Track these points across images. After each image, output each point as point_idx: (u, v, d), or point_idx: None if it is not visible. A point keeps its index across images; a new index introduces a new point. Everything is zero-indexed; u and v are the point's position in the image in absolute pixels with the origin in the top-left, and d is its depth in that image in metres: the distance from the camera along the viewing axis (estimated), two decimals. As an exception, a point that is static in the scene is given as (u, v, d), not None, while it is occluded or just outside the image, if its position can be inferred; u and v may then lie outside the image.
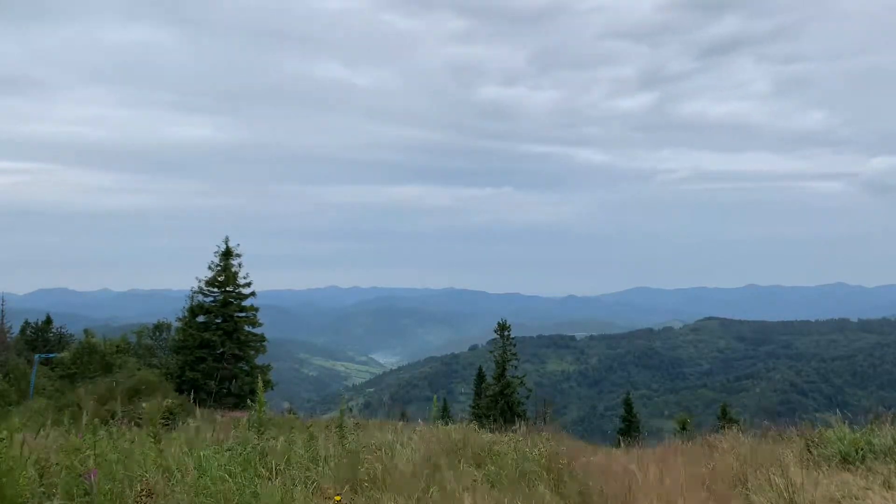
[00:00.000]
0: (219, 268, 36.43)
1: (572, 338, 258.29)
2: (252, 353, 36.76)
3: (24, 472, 5.42)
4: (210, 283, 36.38)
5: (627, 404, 49.23)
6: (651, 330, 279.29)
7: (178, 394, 25.16)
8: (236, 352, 35.62)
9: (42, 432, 8.22)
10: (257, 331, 37.28)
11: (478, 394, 48.64)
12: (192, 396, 12.37)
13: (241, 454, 6.75)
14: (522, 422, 13.97)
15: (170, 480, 6.14)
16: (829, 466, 8.59)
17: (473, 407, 46.36)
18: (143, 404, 8.71)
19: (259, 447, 7.39)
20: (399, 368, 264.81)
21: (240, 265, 36.84)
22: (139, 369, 29.00)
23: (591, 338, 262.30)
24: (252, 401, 9.69)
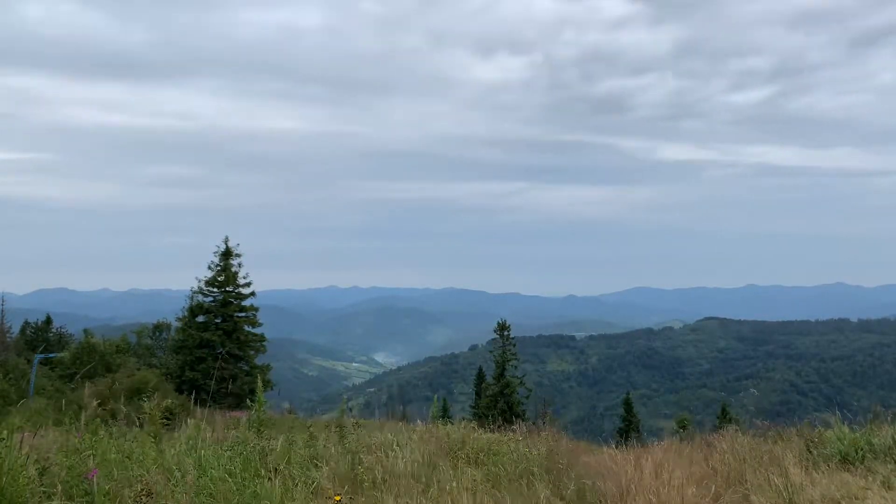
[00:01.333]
0: (218, 268, 36.44)
1: (572, 338, 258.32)
2: (252, 352, 36.78)
3: (24, 472, 5.43)
4: (210, 283, 36.39)
5: (627, 404, 49.25)
6: (651, 330, 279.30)
7: (177, 394, 25.21)
8: (236, 352, 35.62)
9: (42, 432, 8.22)
10: (257, 331, 37.30)
11: (478, 394, 48.67)
12: (191, 396, 12.37)
13: (241, 454, 6.75)
14: (522, 422, 13.97)
15: (170, 480, 6.14)
16: (828, 466, 8.59)
17: (473, 407, 46.40)
18: (143, 404, 8.71)
19: (259, 447, 7.39)
20: (399, 368, 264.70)
21: (239, 265, 36.91)
22: (139, 369, 29.02)
23: (591, 338, 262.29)
24: (252, 401, 9.70)
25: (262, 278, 39.92)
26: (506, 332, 41.11)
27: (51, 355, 34.49)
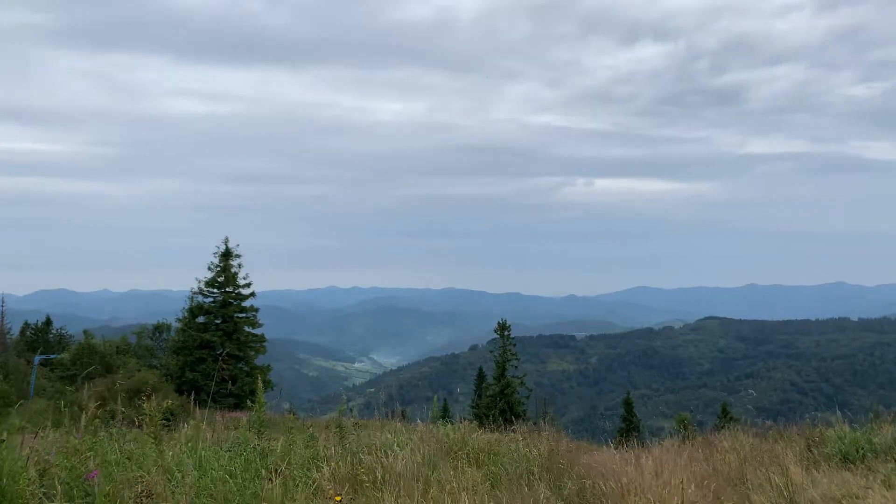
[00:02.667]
0: (218, 268, 36.44)
1: (572, 338, 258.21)
2: (252, 353, 36.77)
3: (25, 473, 5.42)
4: (210, 283, 36.39)
5: (627, 404, 49.16)
6: (651, 330, 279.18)
7: (177, 394, 25.20)
8: (236, 352, 35.62)
9: (42, 433, 8.22)
10: (257, 331, 37.29)
11: (478, 394, 48.62)
12: (192, 397, 12.36)
13: (241, 455, 6.75)
14: (522, 422, 13.96)
15: (170, 481, 6.14)
16: (829, 465, 8.59)
17: (473, 407, 46.36)
18: (144, 405, 8.70)
19: (259, 448, 7.39)
20: (399, 368, 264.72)
21: (239, 266, 36.91)
22: (139, 370, 29.01)
23: (592, 338, 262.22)
24: (252, 401, 9.69)
25: (262, 279, 39.99)
26: (506, 332, 41.09)
27: (51, 356, 34.49)
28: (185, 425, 9.57)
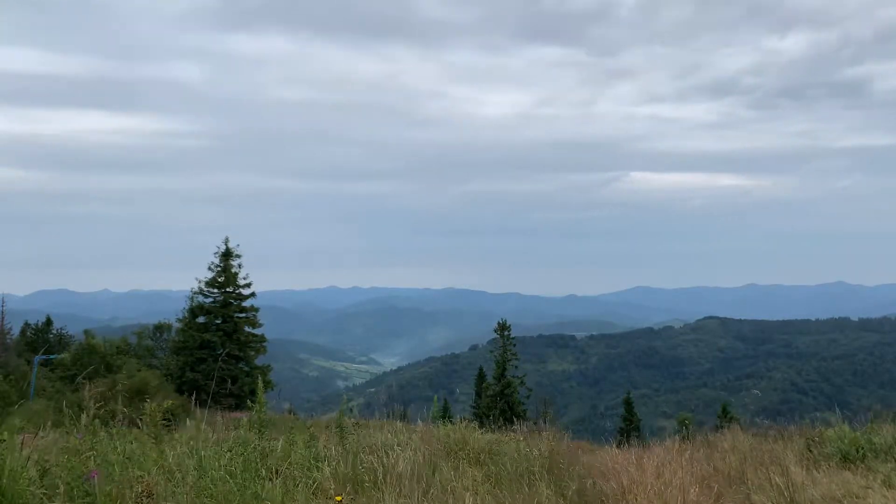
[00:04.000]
0: (219, 269, 36.46)
1: (572, 337, 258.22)
2: (252, 353, 36.78)
3: (25, 473, 5.42)
4: (210, 283, 36.41)
5: (628, 404, 49.21)
6: (651, 329, 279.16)
7: (178, 395, 25.21)
8: (236, 352, 35.63)
9: (42, 433, 8.22)
10: (257, 331, 37.31)
11: (478, 394, 48.65)
12: (192, 397, 12.37)
13: (241, 455, 6.75)
14: (523, 422, 13.97)
15: (170, 481, 6.14)
16: (829, 465, 8.60)
17: (474, 407, 46.38)
18: (144, 405, 8.70)
19: (260, 448, 7.39)
20: (399, 368, 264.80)
21: (240, 266, 36.93)
22: (139, 370, 28.99)
23: (592, 337, 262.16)
24: (252, 401, 9.69)
25: (262, 279, 39.99)
26: (506, 332, 41.13)
27: (51, 357, 34.48)
28: (186, 425, 9.57)
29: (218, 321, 36.01)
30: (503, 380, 40.41)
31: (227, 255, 36.72)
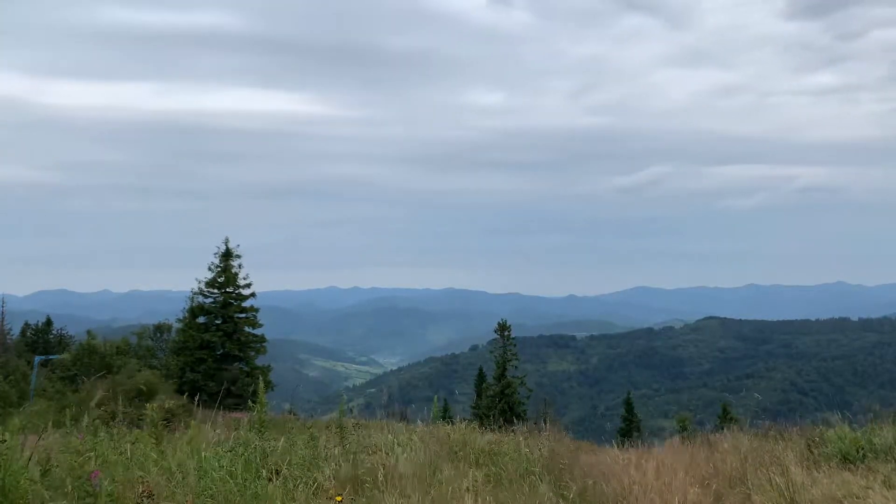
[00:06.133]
0: (219, 269, 36.46)
1: (573, 338, 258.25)
2: (252, 353, 36.79)
3: (26, 474, 5.43)
4: (210, 284, 36.41)
5: (628, 404, 49.22)
6: (651, 330, 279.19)
7: (178, 395, 25.20)
8: (236, 353, 35.64)
9: (43, 434, 8.23)
10: (257, 332, 37.31)
11: (478, 394, 48.64)
12: (192, 398, 12.37)
13: (242, 455, 6.76)
14: (523, 422, 13.97)
15: (171, 482, 6.15)
16: (829, 466, 8.60)
17: (474, 407, 46.38)
18: (145, 406, 8.72)
19: (260, 448, 7.40)
20: (399, 369, 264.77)
21: (240, 266, 36.93)
22: (140, 371, 29.01)
23: (592, 338, 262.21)
24: (253, 402, 9.70)
25: (262, 279, 39.99)
26: (506, 333, 41.12)
27: (51, 357, 34.51)
28: (186, 426, 9.58)
29: (218, 321, 36.02)
30: (503, 380, 40.41)
31: (227, 255, 36.74)
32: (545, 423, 12.72)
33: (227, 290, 36.43)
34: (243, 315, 36.92)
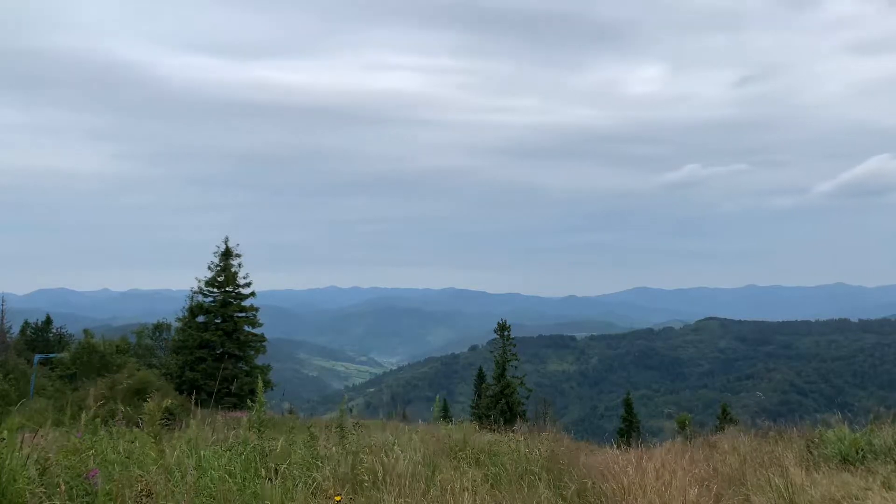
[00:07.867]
0: (218, 268, 36.43)
1: (572, 338, 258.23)
2: (252, 353, 36.76)
3: (25, 472, 5.42)
4: (210, 283, 36.37)
5: (627, 404, 49.19)
6: (651, 330, 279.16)
7: (177, 394, 25.20)
8: (236, 352, 35.61)
9: (42, 432, 8.22)
10: (257, 331, 37.27)
11: (478, 394, 48.66)
12: (192, 397, 12.37)
13: (241, 454, 6.75)
14: (523, 422, 13.97)
15: (170, 481, 6.14)
16: (828, 467, 8.59)
17: (474, 407, 46.39)
18: (144, 404, 8.71)
19: (259, 447, 7.39)
20: (399, 369, 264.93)
21: (239, 265, 36.89)
22: (139, 369, 29.01)
23: (592, 338, 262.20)
24: (252, 401, 9.69)
25: (262, 279, 40.00)
26: (506, 333, 41.14)
27: (51, 355, 34.50)
28: (185, 425, 9.58)
29: (217, 321, 35.98)
30: (503, 380, 40.42)
31: (226, 254, 36.70)
32: (545, 423, 12.73)
33: (227, 289, 36.40)
34: (243, 314, 36.89)
